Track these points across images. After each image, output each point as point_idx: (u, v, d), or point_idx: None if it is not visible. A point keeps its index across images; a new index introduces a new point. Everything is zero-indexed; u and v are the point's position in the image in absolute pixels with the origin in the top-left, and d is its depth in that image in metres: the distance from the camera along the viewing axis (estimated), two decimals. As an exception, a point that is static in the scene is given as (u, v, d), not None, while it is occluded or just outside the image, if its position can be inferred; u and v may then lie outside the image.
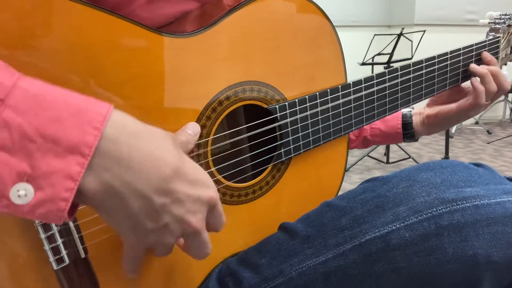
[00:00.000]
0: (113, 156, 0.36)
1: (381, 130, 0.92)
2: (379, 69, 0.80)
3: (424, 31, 3.35)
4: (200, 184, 0.42)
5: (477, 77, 0.82)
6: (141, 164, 0.37)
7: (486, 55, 0.84)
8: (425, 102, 0.90)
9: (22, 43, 0.41)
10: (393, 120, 0.91)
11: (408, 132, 0.90)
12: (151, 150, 0.39)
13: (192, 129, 0.50)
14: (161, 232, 0.41)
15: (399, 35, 3.26)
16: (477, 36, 0.88)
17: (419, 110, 0.91)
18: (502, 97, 4.73)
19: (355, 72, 0.72)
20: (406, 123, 0.90)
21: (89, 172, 0.35)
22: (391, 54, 3.28)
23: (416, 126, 0.90)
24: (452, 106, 0.85)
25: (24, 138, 0.33)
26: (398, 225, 0.49)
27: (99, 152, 0.35)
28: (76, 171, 0.34)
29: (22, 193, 0.33)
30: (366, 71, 0.87)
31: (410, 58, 3.33)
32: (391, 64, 3.22)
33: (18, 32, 0.40)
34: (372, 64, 3.34)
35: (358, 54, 3.31)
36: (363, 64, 3.34)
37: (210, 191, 0.43)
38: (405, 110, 0.91)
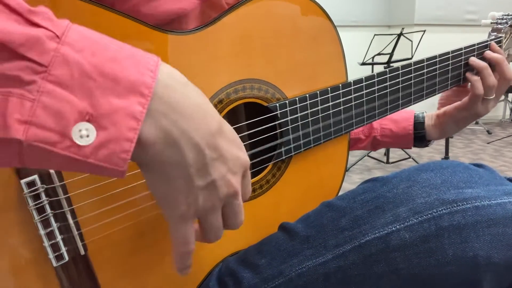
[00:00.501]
0: (168, 102, 0.35)
1: (392, 130, 0.92)
2: (379, 69, 0.80)
3: (424, 31, 3.35)
4: (237, 145, 0.42)
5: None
6: (193, 113, 0.37)
7: (474, 60, 0.82)
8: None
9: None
10: (405, 121, 0.91)
11: (419, 132, 0.90)
12: (200, 102, 0.38)
13: None
14: (209, 191, 0.39)
15: (399, 35, 3.26)
16: (477, 36, 0.88)
17: (431, 113, 0.91)
18: (502, 97, 4.74)
19: (355, 72, 0.72)
20: (418, 122, 0.90)
21: (147, 118, 0.34)
22: (391, 54, 3.28)
23: (428, 127, 0.90)
24: (457, 103, 0.85)
25: (84, 76, 0.32)
26: (398, 226, 0.49)
27: (156, 96, 0.34)
28: (138, 110, 0.33)
29: (84, 133, 0.32)
30: (366, 71, 0.86)
31: (410, 58, 3.33)
32: (391, 64, 3.22)
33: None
34: (372, 64, 3.34)
35: (358, 54, 3.31)
36: (363, 64, 3.34)
37: (245, 154, 0.43)
38: (417, 112, 0.91)
